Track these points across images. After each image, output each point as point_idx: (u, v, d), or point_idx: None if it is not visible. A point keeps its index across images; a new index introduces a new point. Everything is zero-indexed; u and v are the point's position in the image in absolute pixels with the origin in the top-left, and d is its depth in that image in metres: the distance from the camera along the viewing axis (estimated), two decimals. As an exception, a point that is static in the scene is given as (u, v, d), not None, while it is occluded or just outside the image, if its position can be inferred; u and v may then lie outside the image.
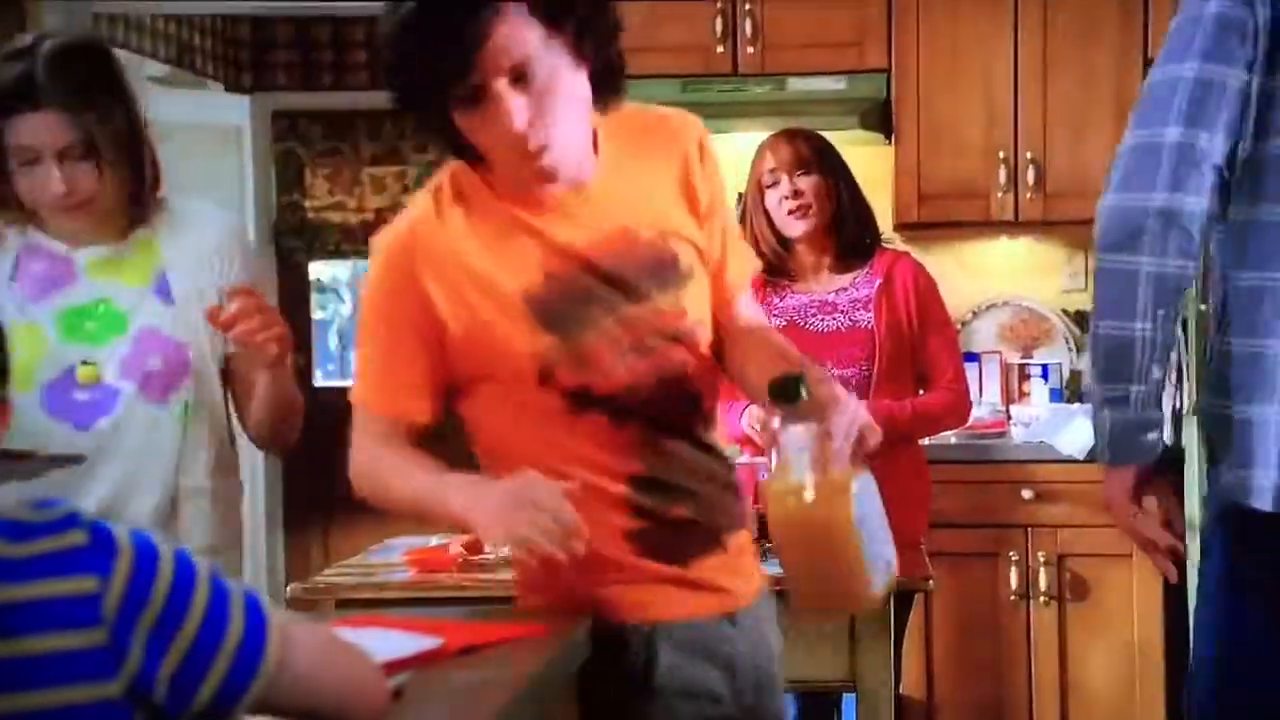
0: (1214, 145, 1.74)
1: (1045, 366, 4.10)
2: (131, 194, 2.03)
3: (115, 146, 1.97)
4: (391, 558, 2.55)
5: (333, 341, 8.22)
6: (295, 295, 6.81)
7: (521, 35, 1.50)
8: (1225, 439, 1.85)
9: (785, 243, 2.97)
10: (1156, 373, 1.83)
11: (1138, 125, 1.81)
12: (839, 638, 2.33)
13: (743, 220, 2.97)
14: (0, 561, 1.01)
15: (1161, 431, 1.88)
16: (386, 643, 1.33)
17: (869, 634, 2.33)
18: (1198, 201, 1.75)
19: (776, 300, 2.97)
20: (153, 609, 1.04)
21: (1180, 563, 1.95)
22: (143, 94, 2.10)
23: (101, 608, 1.02)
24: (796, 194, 2.92)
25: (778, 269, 2.98)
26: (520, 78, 1.51)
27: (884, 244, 3.05)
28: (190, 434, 2.05)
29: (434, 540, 2.64)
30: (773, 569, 2.40)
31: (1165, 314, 1.80)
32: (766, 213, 2.94)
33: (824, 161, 2.91)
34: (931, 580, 2.40)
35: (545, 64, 1.51)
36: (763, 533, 2.59)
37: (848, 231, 2.95)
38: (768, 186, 2.93)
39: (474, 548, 2.55)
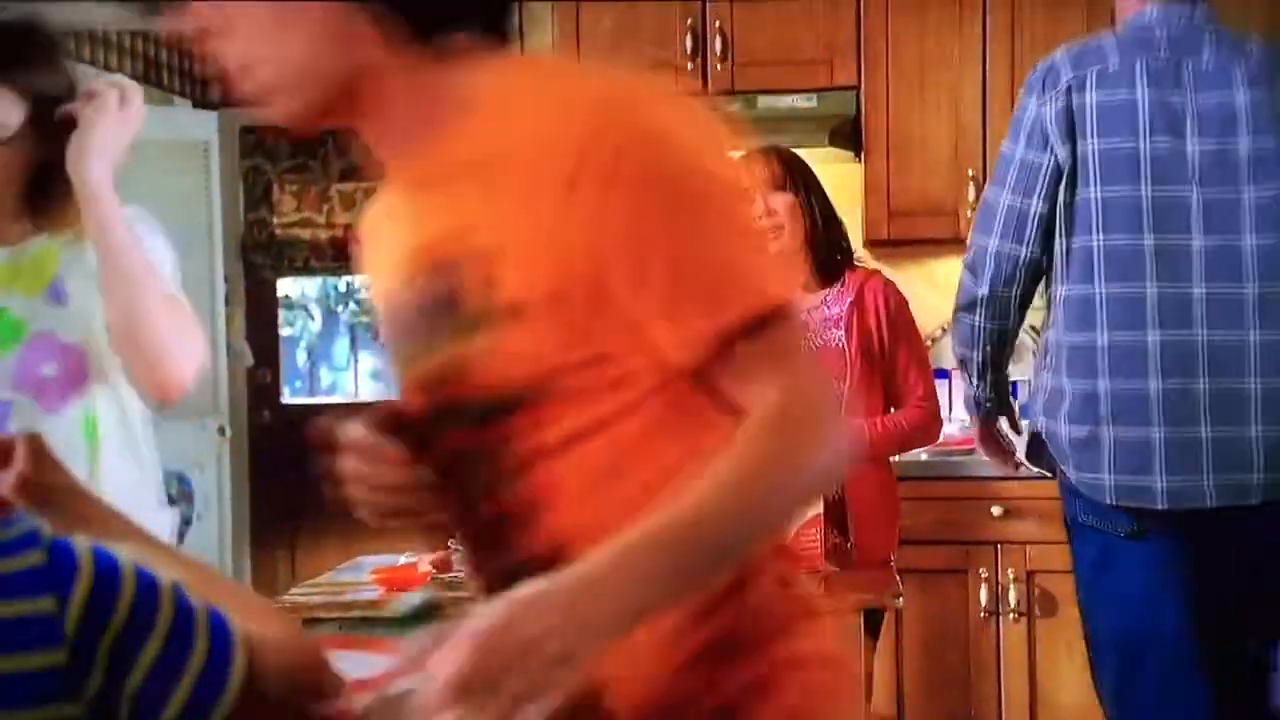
0: (1023, 253, 2.46)
1: (1015, 383, 4.10)
2: (37, 189, 1.90)
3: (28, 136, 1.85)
4: (360, 576, 2.53)
5: (300, 358, 8.18)
6: (263, 312, 6.78)
7: None
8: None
9: None
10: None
11: (978, 229, 2.53)
12: (810, 656, 2.33)
13: None
14: None
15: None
16: (358, 664, 1.32)
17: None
18: (1009, 289, 2.51)
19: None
20: (114, 628, 1.02)
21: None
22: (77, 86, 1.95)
23: (61, 627, 1.00)
24: (770, 214, 2.91)
25: None
26: None
27: (855, 263, 3.05)
28: (98, 444, 1.91)
29: (402, 559, 2.63)
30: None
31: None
32: None
33: (796, 179, 2.91)
34: (901, 598, 2.39)
35: None
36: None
37: (819, 250, 2.94)
38: None
39: (443, 565, 2.54)
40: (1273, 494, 2.34)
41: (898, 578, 2.55)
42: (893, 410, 3.00)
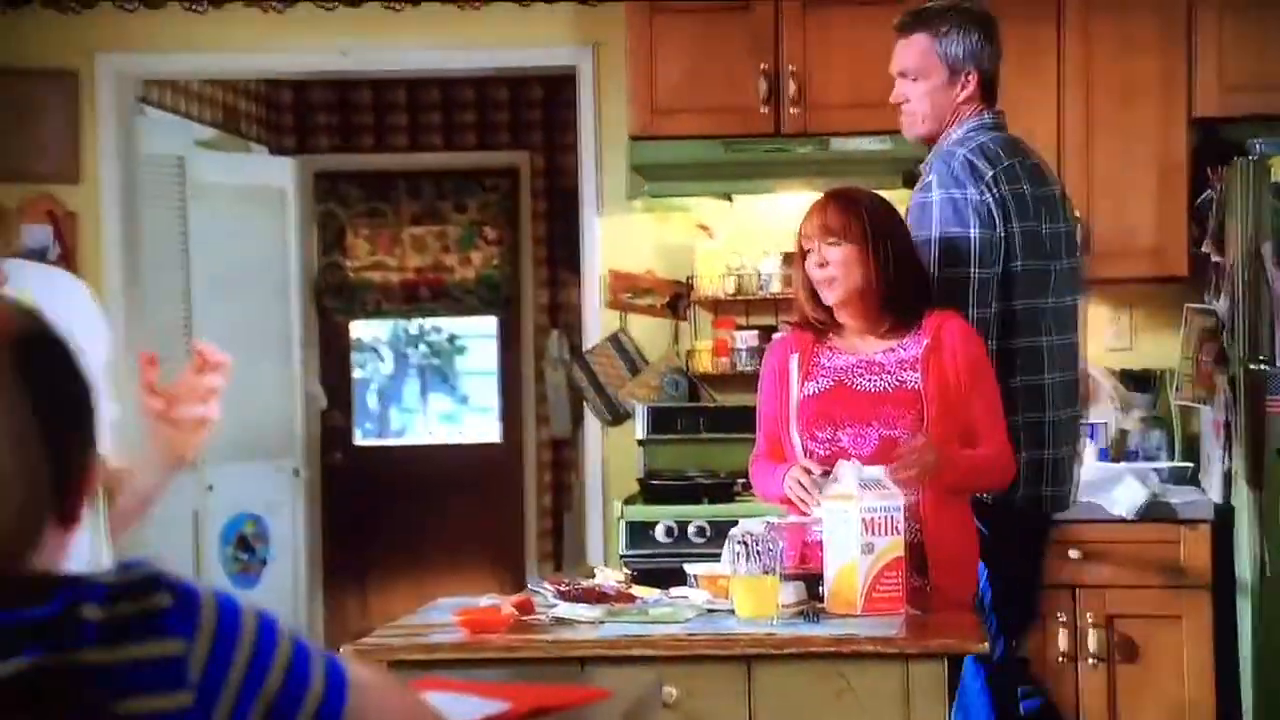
0: (990, 314, 3.01)
1: (1092, 426, 4.07)
2: None
3: None
4: (442, 618, 2.55)
5: (372, 400, 8.25)
6: (336, 355, 6.86)
7: None
8: None
9: (826, 308, 2.96)
10: None
11: (957, 304, 2.97)
12: (894, 698, 2.32)
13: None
14: (90, 625, 1.01)
15: None
16: (454, 705, 1.33)
17: (923, 694, 2.31)
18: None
19: (824, 360, 2.96)
20: (237, 669, 1.04)
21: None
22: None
23: (188, 670, 1.02)
24: (822, 264, 2.89)
25: (824, 328, 2.97)
26: None
27: (931, 306, 3.01)
28: None
29: (484, 600, 2.64)
30: (831, 629, 2.40)
31: None
32: (806, 277, 2.92)
33: (855, 230, 2.86)
34: (986, 643, 2.38)
35: None
36: (812, 592, 2.59)
37: (891, 294, 2.91)
38: (806, 251, 2.91)
39: (525, 607, 2.55)
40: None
41: (980, 622, 2.53)
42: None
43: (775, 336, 3.16)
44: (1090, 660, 3.64)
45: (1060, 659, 3.65)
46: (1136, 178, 3.93)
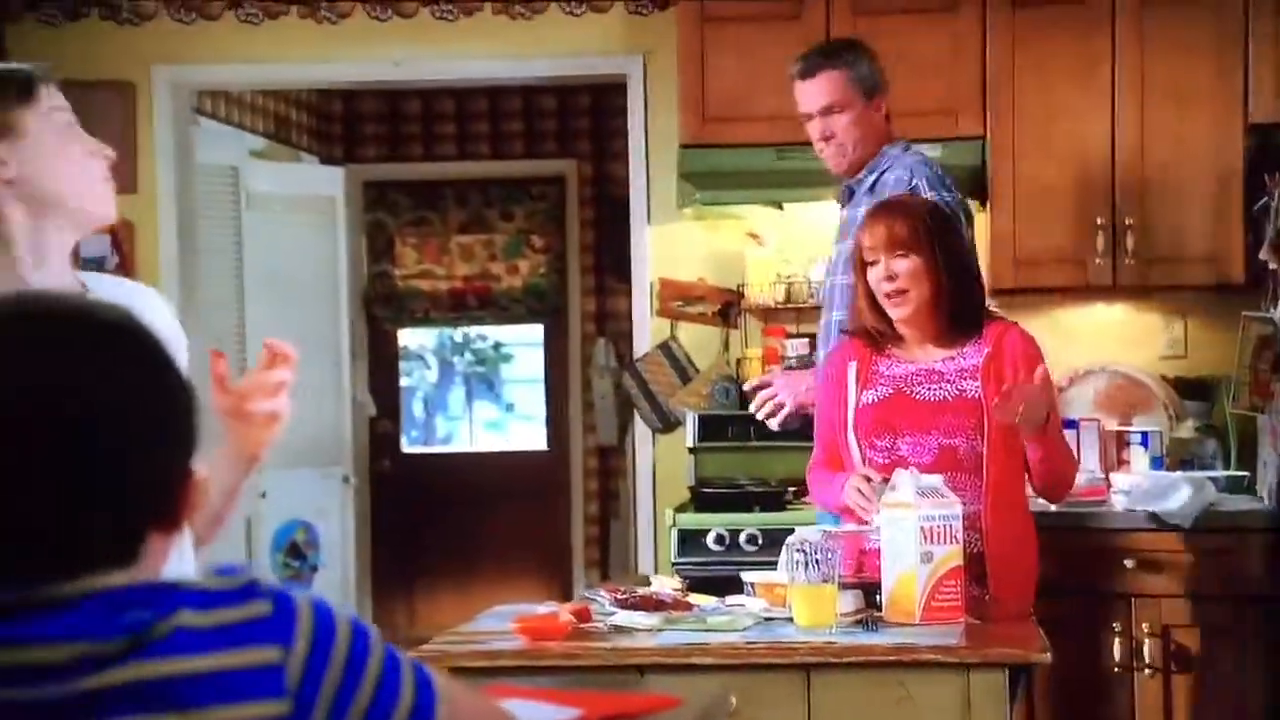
0: None
1: (1145, 434, 4.04)
2: None
3: None
4: (500, 625, 2.56)
5: (417, 408, 8.29)
6: (385, 363, 6.91)
7: None
8: None
9: (887, 319, 2.94)
10: None
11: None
12: (954, 708, 2.31)
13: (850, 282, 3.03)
14: (189, 632, 1.02)
15: None
16: (528, 712, 1.34)
17: (984, 704, 2.31)
18: None
19: (884, 369, 2.94)
20: (332, 677, 1.05)
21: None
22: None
23: (285, 678, 1.03)
24: (891, 278, 2.86)
25: (884, 338, 2.95)
26: None
27: (992, 313, 2.99)
28: None
29: (541, 608, 2.65)
30: (890, 638, 2.39)
31: None
32: (869, 288, 2.90)
33: (921, 240, 2.84)
34: (1049, 653, 2.36)
35: None
36: (869, 601, 2.59)
37: (949, 308, 2.89)
38: (869, 263, 2.88)
39: (583, 615, 2.56)
40: None
41: (1041, 632, 2.51)
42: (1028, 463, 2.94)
43: (831, 344, 3.16)
44: (1146, 670, 3.61)
45: (1116, 669, 3.62)
46: (1192, 184, 3.90)
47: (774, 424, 3.34)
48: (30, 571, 1.02)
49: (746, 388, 3.32)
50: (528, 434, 8.15)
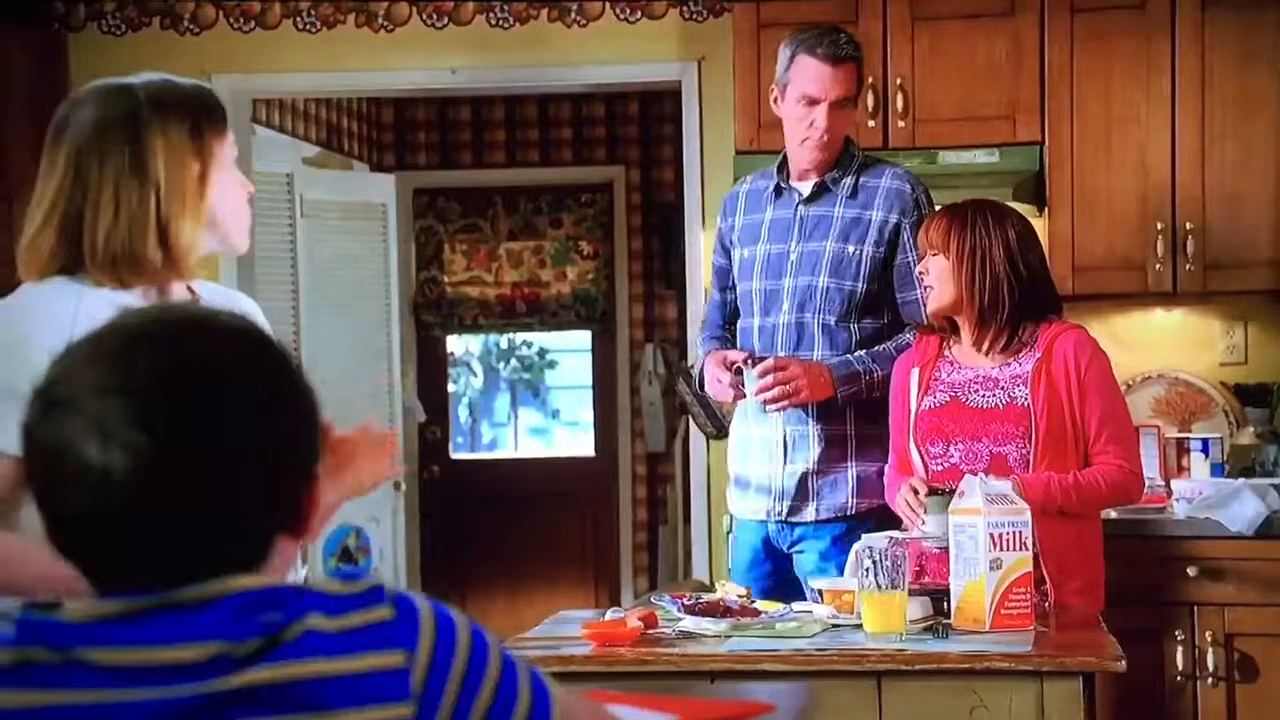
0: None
1: (1205, 440, 4.02)
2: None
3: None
4: (569, 630, 2.57)
5: (463, 414, 8.32)
6: (433, 369, 6.93)
7: None
8: None
9: (945, 315, 2.96)
10: None
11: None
12: (1029, 716, 2.30)
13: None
14: (318, 635, 1.04)
15: None
16: (626, 715, 1.35)
17: (1059, 712, 2.30)
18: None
19: (943, 375, 2.95)
20: (454, 681, 1.06)
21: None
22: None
23: (410, 682, 1.04)
24: (923, 273, 2.94)
25: (944, 334, 2.98)
26: None
27: (1051, 319, 2.97)
28: None
29: (609, 614, 2.66)
30: (962, 646, 2.38)
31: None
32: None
33: (953, 243, 2.86)
34: (1123, 660, 2.35)
35: None
36: (936, 607, 2.58)
37: (981, 312, 2.89)
38: (922, 257, 2.98)
39: (650, 621, 2.56)
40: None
41: (1114, 640, 2.50)
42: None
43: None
44: (1209, 679, 3.59)
45: (1179, 678, 3.60)
46: (1252, 190, 3.87)
47: (774, 408, 3.08)
48: (165, 573, 1.04)
49: (759, 370, 3.01)
50: (573, 440, 8.17)
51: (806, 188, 3.17)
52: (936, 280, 2.88)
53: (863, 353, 3.10)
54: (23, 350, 1.73)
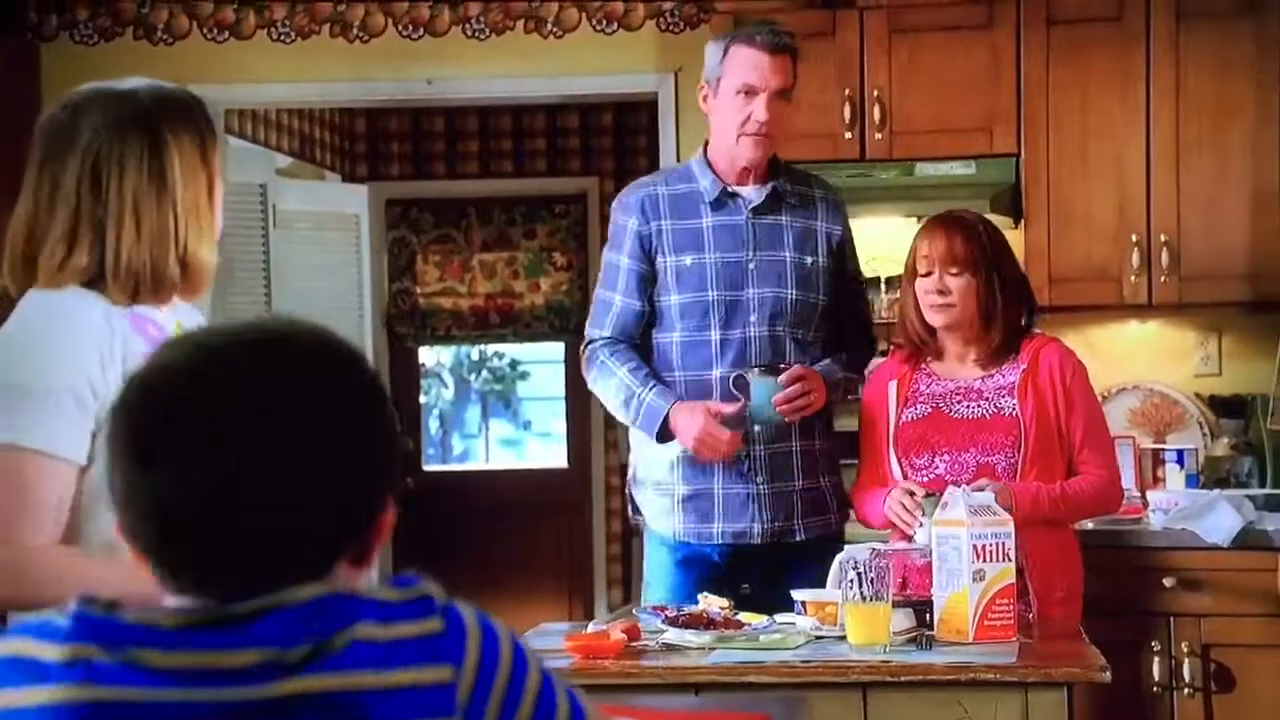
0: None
1: (1180, 452, 4.04)
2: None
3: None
4: (552, 643, 2.55)
5: (434, 426, 8.29)
6: (406, 380, 6.90)
7: None
8: None
9: (931, 328, 2.95)
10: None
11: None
12: (1013, 728, 2.30)
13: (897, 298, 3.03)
14: (369, 645, 1.03)
15: None
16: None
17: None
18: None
19: (923, 386, 2.95)
20: (497, 695, 1.06)
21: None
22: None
23: (456, 696, 1.04)
24: (942, 292, 2.87)
25: (922, 351, 2.97)
26: None
27: (1031, 332, 2.99)
28: None
29: (590, 626, 2.64)
30: (947, 657, 2.38)
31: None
32: (916, 297, 2.92)
33: (979, 260, 2.85)
34: (1108, 671, 2.35)
35: None
36: (919, 618, 2.58)
37: (994, 327, 2.90)
38: (921, 274, 2.89)
39: (634, 633, 2.55)
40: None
41: (1098, 650, 2.50)
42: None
43: (876, 361, 3.15)
44: (1186, 690, 3.60)
45: (1156, 688, 3.61)
46: (1229, 201, 3.89)
47: (793, 419, 2.96)
48: (236, 582, 1.04)
49: (783, 379, 2.89)
50: (545, 451, 8.15)
51: (755, 194, 3.03)
52: (960, 299, 2.85)
53: (828, 361, 3.07)
54: (74, 355, 1.73)
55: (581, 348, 3.15)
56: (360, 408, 1.08)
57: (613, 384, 3.02)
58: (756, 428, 2.96)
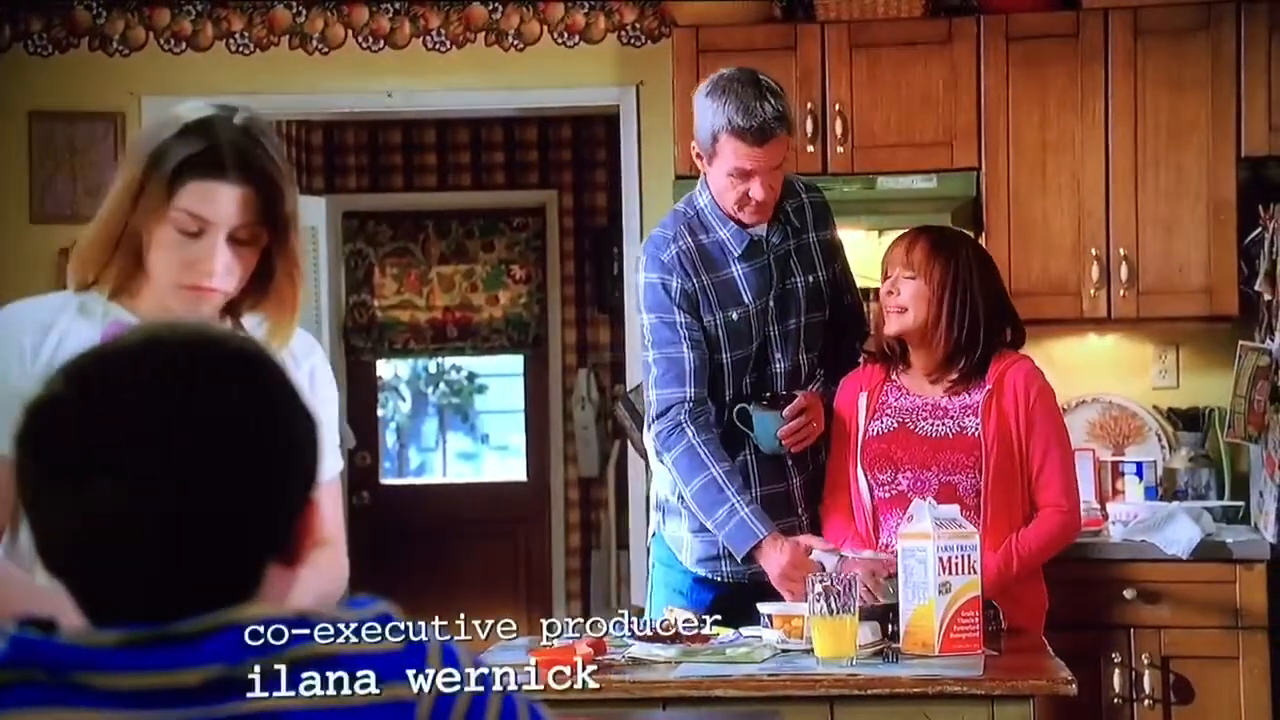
0: None
1: (1139, 464, 4.07)
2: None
3: (276, 235, 1.89)
4: (517, 658, 2.53)
5: (390, 439, 8.24)
6: (364, 394, 6.86)
7: None
8: None
9: (900, 339, 2.95)
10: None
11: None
12: (981, 741, 2.30)
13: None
14: (325, 662, 1.02)
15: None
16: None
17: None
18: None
19: (891, 400, 2.95)
20: (458, 713, 1.04)
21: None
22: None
23: (415, 715, 1.02)
24: (891, 293, 2.89)
25: (890, 361, 2.97)
26: None
27: (1002, 352, 2.98)
28: None
29: (557, 641, 2.62)
30: (913, 670, 2.38)
31: None
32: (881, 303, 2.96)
33: (936, 273, 2.85)
34: (1074, 684, 2.36)
35: None
36: (885, 632, 2.58)
37: (951, 346, 2.90)
38: (884, 278, 2.93)
39: (599, 647, 2.54)
40: None
41: (1062, 662, 2.51)
42: (1033, 511, 2.90)
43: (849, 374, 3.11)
44: (1146, 702, 3.62)
45: (1116, 700, 3.63)
46: (1185, 216, 3.93)
47: (793, 450, 2.96)
48: (157, 603, 1.01)
49: (786, 412, 2.89)
50: (503, 465, 8.12)
51: (770, 233, 3.00)
52: (911, 303, 2.85)
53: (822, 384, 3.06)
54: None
55: (658, 410, 2.94)
56: (266, 407, 1.05)
57: (704, 478, 2.87)
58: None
